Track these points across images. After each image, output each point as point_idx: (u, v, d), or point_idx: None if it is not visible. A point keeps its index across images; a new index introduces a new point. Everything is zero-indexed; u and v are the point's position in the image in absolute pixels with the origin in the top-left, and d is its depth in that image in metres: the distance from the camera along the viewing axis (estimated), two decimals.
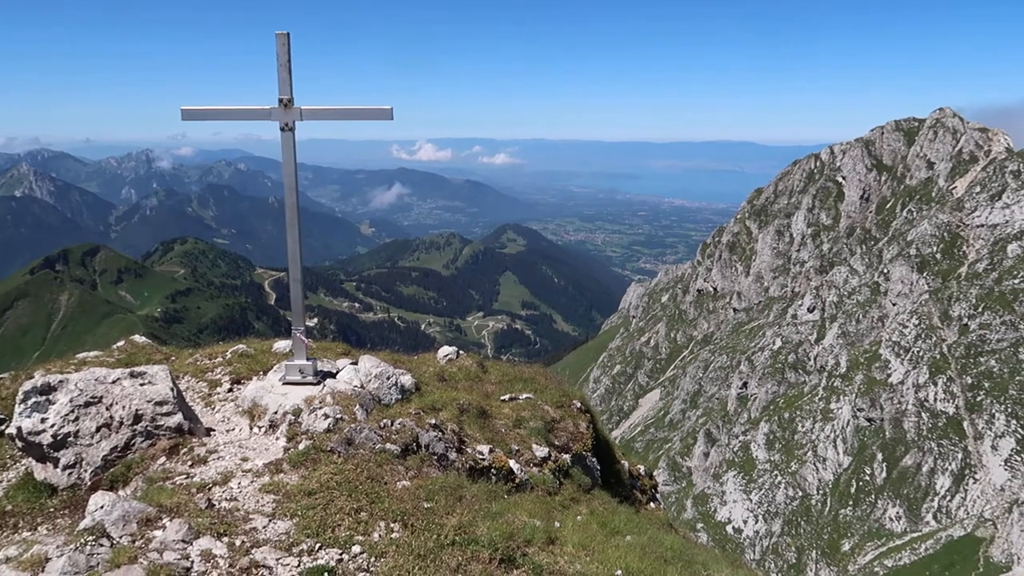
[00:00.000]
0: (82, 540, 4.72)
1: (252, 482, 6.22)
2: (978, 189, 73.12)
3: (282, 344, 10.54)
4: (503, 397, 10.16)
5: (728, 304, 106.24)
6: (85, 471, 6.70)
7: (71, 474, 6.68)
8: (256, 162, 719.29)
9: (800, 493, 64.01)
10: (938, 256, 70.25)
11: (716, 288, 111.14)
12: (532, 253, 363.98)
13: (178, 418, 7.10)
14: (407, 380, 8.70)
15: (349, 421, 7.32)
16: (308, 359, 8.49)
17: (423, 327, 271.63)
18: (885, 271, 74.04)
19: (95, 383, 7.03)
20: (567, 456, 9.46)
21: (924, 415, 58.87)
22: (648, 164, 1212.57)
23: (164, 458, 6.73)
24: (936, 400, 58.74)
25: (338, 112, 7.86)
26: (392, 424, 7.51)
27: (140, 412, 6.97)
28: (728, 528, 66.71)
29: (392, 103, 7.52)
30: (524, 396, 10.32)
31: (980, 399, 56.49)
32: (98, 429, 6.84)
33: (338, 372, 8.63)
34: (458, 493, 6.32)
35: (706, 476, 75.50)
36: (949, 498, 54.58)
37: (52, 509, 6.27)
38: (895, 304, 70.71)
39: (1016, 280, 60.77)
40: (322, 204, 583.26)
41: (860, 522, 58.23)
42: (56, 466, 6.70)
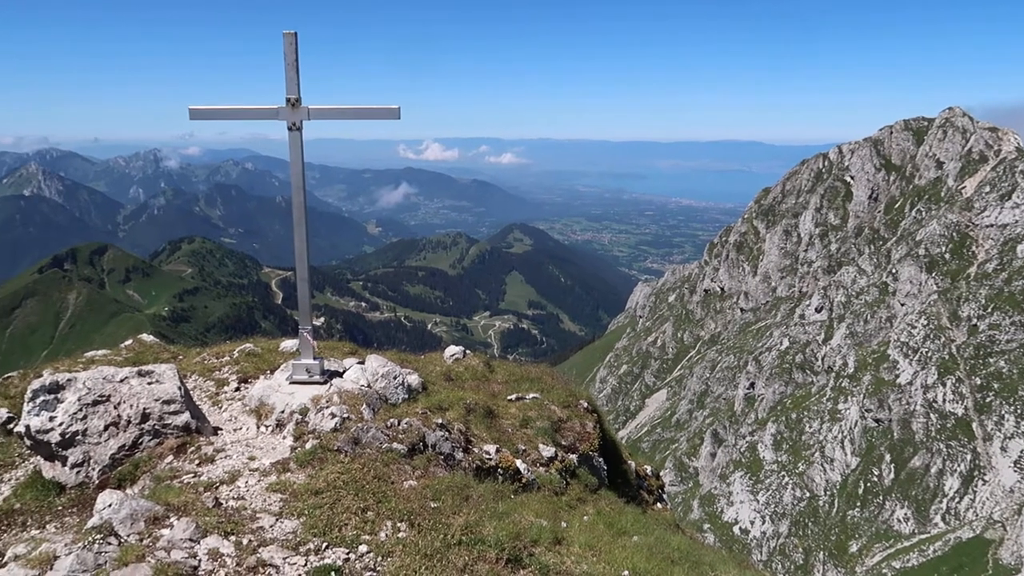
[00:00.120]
0: (90, 538, 4.74)
1: (259, 481, 6.23)
2: (988, 189, 72.72)
3: (289, 343, 10.56)
4: (510, 397, 10.16)
5: (735, 304, 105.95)
6: (93, 469, 6.72)
7: (79, 472, 6.70)
8: (263, 161, 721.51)
9: (807, 494, 63.79)
10: (947, 256, 69.91)
11: (723, 288, 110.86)
12: (539, 253, 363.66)
13: (185, 417, 7.11)
14: (414, 380, 8.70)
15: (356, 420, 7.32)
16: (315, 358, 8.50)
17: (429, 327, 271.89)
18: (894, 271, 73.71)
19: (103, 382, 7.05)
20: (574, 456, 9.45)
21: (933, 416, 58.58)
22: (655, 164, 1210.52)
23: (171, 457, 6.75)
24: (945, 401, 58.45)
25: (346, 112, 7.86)
26: (399, 424, 7.51)
27: (148, 411, 6.99)
28: (735, 529, 66.52)
29: (399, 103, 7.53)
30: (531, 396, 10.31)
31: (989, 400, 56.19)
32: (106, 428, 6.86)
33: (345, 371, 8.64)
34: (465, 493, 6.32)
35: (713, 477, 75.32)
36: (958, 500, 54.30)
37: (60, 507, 6.29)
38: (904, 304, 70.38)
39: None
40: (329, 203, 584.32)
41: (868, 523, 57.99)
42: (64, 464, 6.72)
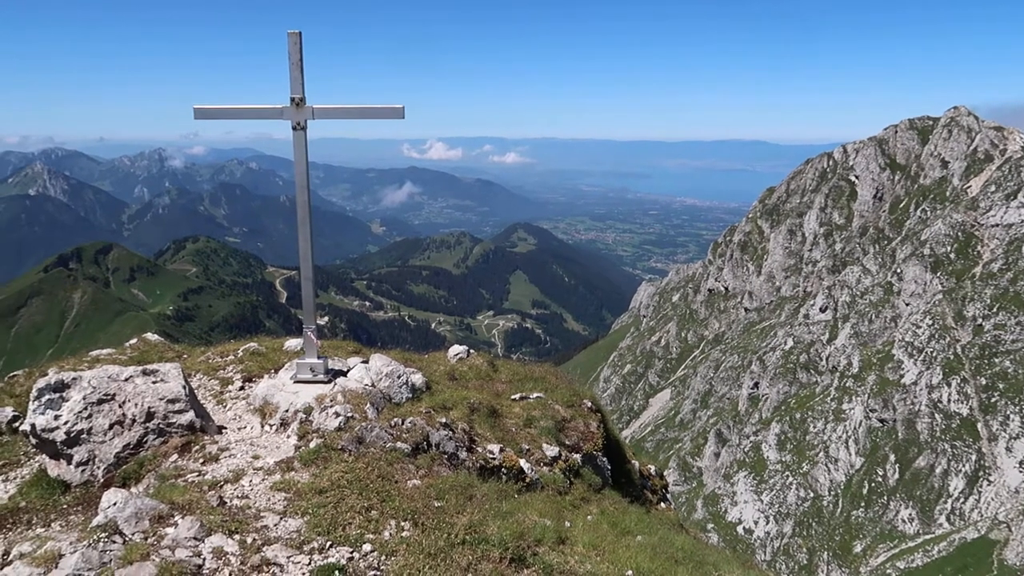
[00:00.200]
0: (95, 537, 4.75)
1: (263, 480, 6.24)
2: (993, 188, 72.46)
3: (293, 342, 10.57)
4: (514, 396, 10.15)
5: (739, 304, 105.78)
6: (98, 468, 6.73)
7: (84, 471, 6.71)
8: (268, 161, 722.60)
9: (812, 494, 63.67)
10: (952, 256, 69.68)
11: (727, 288, 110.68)
12: (542, 252, 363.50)
13: (190, 416, 7.12)
14: (418, 379, 8.70)
15: (360, 420, 7.33)
16: (319, 357, 8.51)
17: (433, 326, 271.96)
18: (898, 271, 73.51)
19: (108, 381, 7.06)
20: (578, 456, 9.44)
21: (937, 416, 58.42)
22: (659, 163, 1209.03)
23: (176, 456, 6.76)
24: (950, 401, 58.28)
25: (350, 111, 7.86)
26: (403, 423, 7.51)
27: (152, 410, 7.00)
28: (739, 529, 66.43)
29: (403, 102, 7.53)
30: (535, 395, 10.31)
31: (994, 400, 56.01)
32: (111, 426, 6.88)
33: (349, 371, 8.64)
34: (468, 492, 6.32)
35: (717, 476, 75.22)
36: (963, 500, 54.15)
37: (65, 506, 6.30)
38: (908, 304, 70.19)
39: None
40: (333, 203, 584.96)
41: (872, 524, 57.86)
42: (69, 463, 6.73)
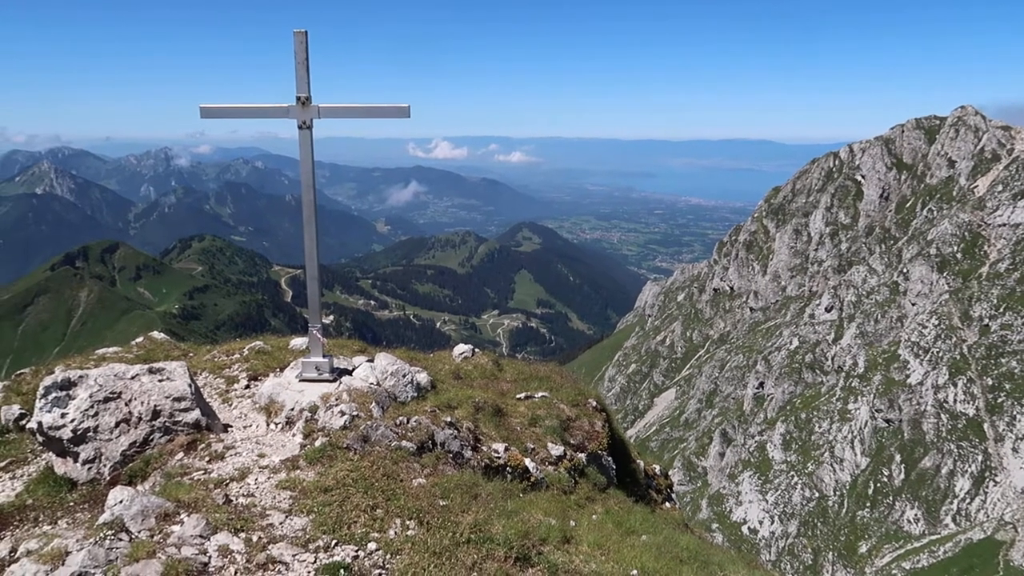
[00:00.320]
0: (101, 534, 4.76)
1: (269, 478, 6.25)
2: (1000, 188, 72.12)
3: (299, 341, 10.59)
4: (518, 395, 10.15)
5: (745, 303, 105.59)
6: (104, 466, 6.75)
7: (90, 469, 6.74)
8: (273, 160, 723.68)
9: (817, 494, 63.53)
10: (959, 256, 69.41)
11: (733, 287, 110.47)
12: (548, 251, 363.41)
13: (196, 414, 7.14)
14: (423, 378, 8.71)
15: (365, 418, 7.33)
16: (324, 356, 8.52)
17: (438, 325, 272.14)
18: (904, 271, 73.26)
19: (114, 379, 7.08)
20: (582, 455, 9.43)
21: (943, 416, 58.22)
22: (664, 162, 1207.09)
23: (182, 454, 6.78)
24: (956, 401, 58.07)
25: (356, 110, 7.86)
26: (408, 422, 7.52)
27: (158, 408, 7.02)
28: (744, 529, 66.32)
29: (408, 101, 7.53)
30: (539, 394, 10.30)
31: (1001, 401, 55.79)
32: (117, 424, 6.90)
33: (354, 369, 8.65)
34: (473, 491, 6.32)
35: (722, 476, 75.10)
36: (969, 501, 53.95)
37: (72, 503, 6.32)
38: (914, 304, 69.96)
39: None
40: (338, 202, 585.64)
41: (878, 524, 57.70)
42: (76, 461, 6.76)
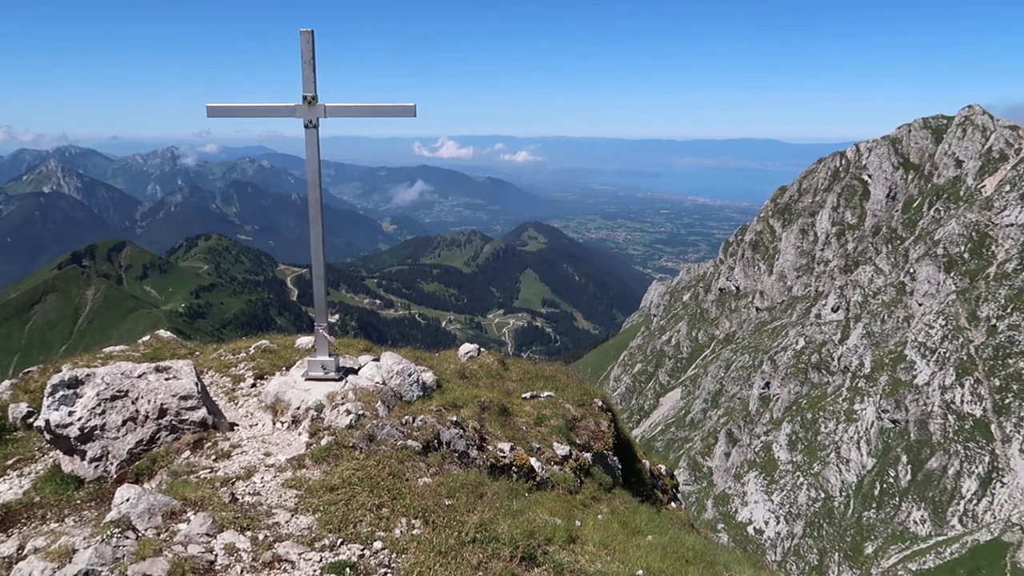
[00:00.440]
0: (108, 532, 4.77)
1: (275, 477, 6.26)
2: (1008, 188, 71.78)
3: (304, 340, 10.60)
4: (524, 395, 10.14)
5: (751, 303, 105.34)
6: (111, 464, 6.77)
7: (97, 467, 6.75)
8: (279, 159, 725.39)
9: (823, 495, 63.36)
10: (966, 256, 69.11)
11: (738, 287, 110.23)
12: (553, 251, 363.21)
13: (202, 413, 7.15)
14: (428, 377, 8.71)
15: (371, 417, 7.33)
16: (330, 355, 8.53)
17: (444, 324, 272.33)
18: (911, 271, 72.99)
19: (121, 377, 7.10)
20: (588, 455, 9.42)
21: (950, 417, 57.99)
22: (670, 162, 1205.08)
23: (188, 452, 6.79)
24: (963, 402, 57.84)
25: (362, 109, 7.85)
26: (414, 421, 7.51)
27: (165, 406, 7.03)
28: (749, 529, 66.20)
29: (414, 100, 7.53)
30: (545, 394, 10.29)
31: (1008, 402, 55.54)
32: (124, 423, 6.91)
33: (360, 368, 8.65)
34: (479, 490, 6.32)
35: (727, 476, 74.97)
36: (975, 502, 53.74)
37: (79, 501, 6.33)
38: (921, 304, 69.69)
39: None
40: (344, 201, 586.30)
41: (884, 525, 57.52)
42: (83, 459, 6.77)
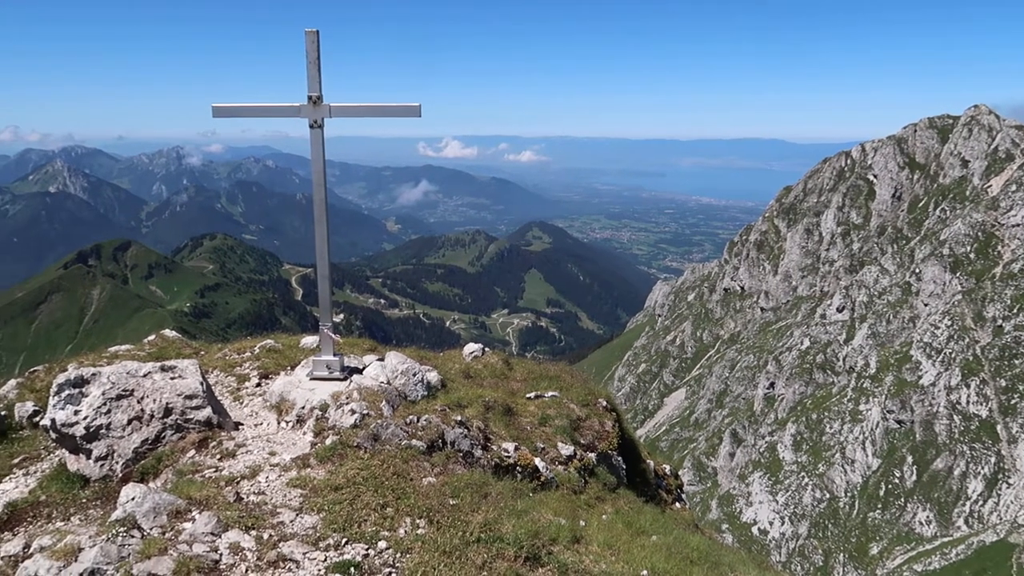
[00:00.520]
0: (114, 531, 4.79)
1: (280, 476, 6.26)
2: (1014, 187, 71.53)
3: (309, 339, 10.61)
4: (528, 395, 10.14)
5: (755, 303, 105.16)
6: (116, 463, 6.79)
7: (103, 466, 6.77)
8: (284, 159, 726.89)
9: (827, 495, 63.21)
10: (972, 256, 68.88)
11: (743, 287, 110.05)
12: (557, 251, 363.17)
13: (207, 412, 7.17)
14: (433, 377, 8.71)
15: (375, 417, 7.34)
16: (335, 355, 8.54)
17: (448, 324, 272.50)
18: (917, 271, 72.77)
19: (127, 376, 7.12)
20: (593, 455, 9.41)
21: (956, 418, 57.80)
22: (675, 162, 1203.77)
23: (193, 451, 6.81)
24: (969, 403, 57.65)
25: (367, 109, 7.85)
26: (418, 420, 7.52)
27: (170, 405, 7.05)
28: (754, 529, 66.08)
29: (418, 100, 7.53)
30: (549, 394, 10.28)
31: (1014, 402, 55.34)
32: (129, 422, 6.93)
33: (364, 368, 8.66)
34: (483, 490, 6.31)
35: (732, 477, 74.86)
36: (981, 503, 53.55)
37: (84, 500, 6.35)
38: (927, 304, 69.47)
39: None
40: (349, 201, 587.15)
41: (889, 526, 57.37)
42: (88, 458, 6.79)
